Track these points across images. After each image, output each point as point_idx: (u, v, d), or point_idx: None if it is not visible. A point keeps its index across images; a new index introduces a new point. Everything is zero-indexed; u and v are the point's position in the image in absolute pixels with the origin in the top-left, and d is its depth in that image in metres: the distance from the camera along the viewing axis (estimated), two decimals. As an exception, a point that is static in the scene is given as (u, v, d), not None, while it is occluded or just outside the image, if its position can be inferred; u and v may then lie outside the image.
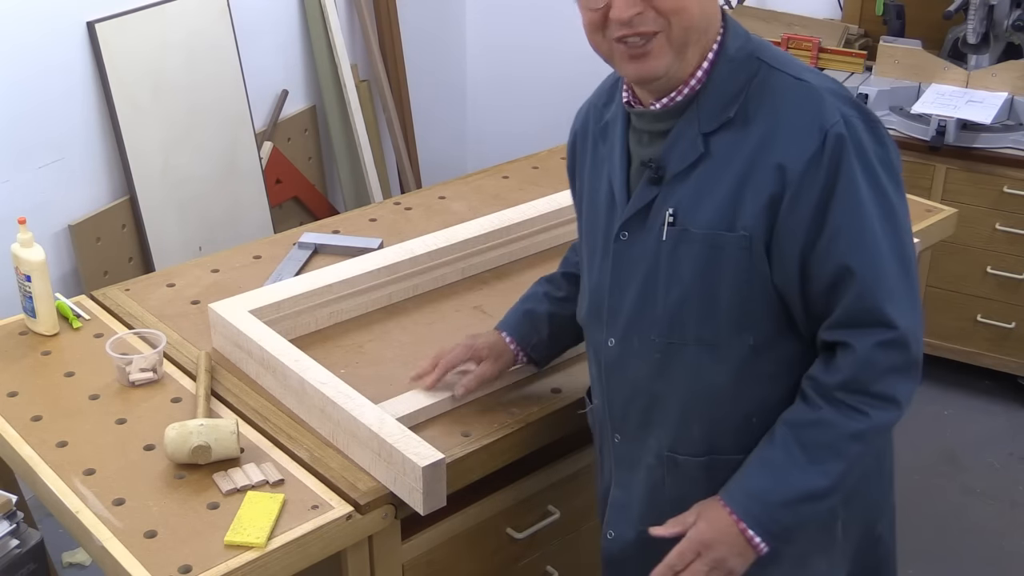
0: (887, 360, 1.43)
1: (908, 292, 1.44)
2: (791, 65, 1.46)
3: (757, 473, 1.48)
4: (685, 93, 1.45)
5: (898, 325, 1.41)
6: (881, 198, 1.43)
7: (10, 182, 2.85)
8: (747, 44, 1.46)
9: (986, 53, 3.39)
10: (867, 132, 1.42)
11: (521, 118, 4.44)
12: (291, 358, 1.81)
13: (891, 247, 1.42)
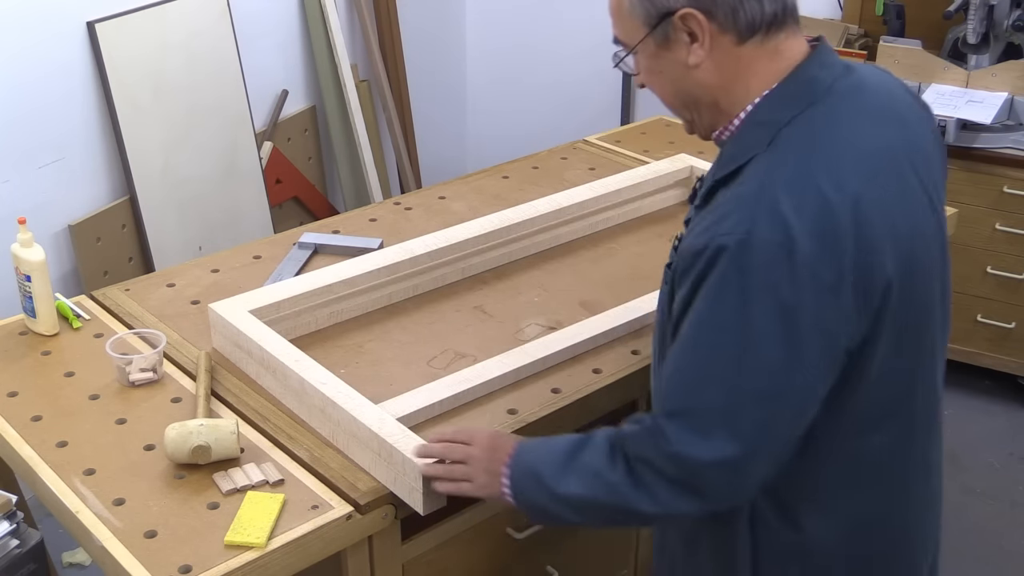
0: (647, 450, 1.36)
1: (703, 418, 1.32)
2: (791, 155, 1.33)
3: (548, 447, 1.49)
4: (726, 135, 1.43)
5: (671, 441, 1.33)
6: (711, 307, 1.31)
7: (10, 182, 2.85)
8: (782, 115, 1.35)
9: (986, 53, 3.39)
10: (757, 256, 1.26)
11: (521, 118, 4.44)
12: (291, 358, 1.81)
13: (695, 362, 1.33)
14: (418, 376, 1.90)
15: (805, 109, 1.35)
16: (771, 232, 1.26)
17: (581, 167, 2.74)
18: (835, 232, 1.27)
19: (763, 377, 1.29)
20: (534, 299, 2.16)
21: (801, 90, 1.36)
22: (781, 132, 1.34)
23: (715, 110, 1.41)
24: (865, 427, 1.42)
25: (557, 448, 1.48)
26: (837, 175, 1.30)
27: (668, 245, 1.96)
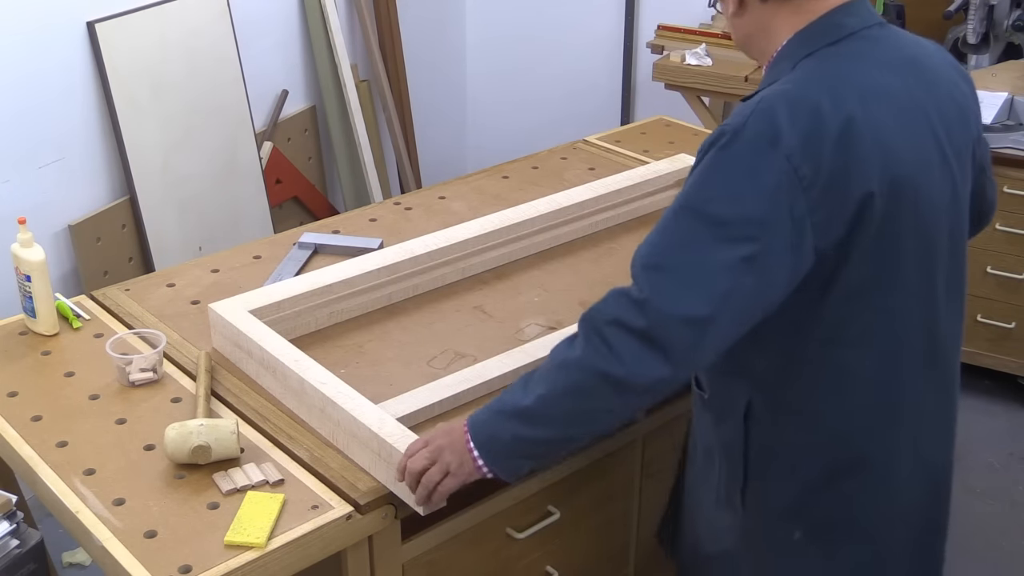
0: (618, 309, 1.44)
1: (679, 273, 1.42)
2: (800, 76, 1.47)
3: (499, 397, 1.58)
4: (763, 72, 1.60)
5: (644, 290, 1.42)
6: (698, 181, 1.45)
7: (10, 182, 2.85)
8: (801, 50, 1.50)
9: (986, 53, 3.39)
10: (743, 145, 1.41)
11: (521, 118, 4.45)
12: (291, 358, 1.81)
13: (676, 227, 1.45)
14: (418, 376, 1.90)
15: (824, 46, 1.49)
16: (761, 125, 1.41)
17: (581, 167, 2.74)
18: (819, 135, 1.40)
19: (736, 248, 1.40)
20: (534, 299, 2.16)
21: (823, 30, 1.51)
22: (800, 62, 1.49)
23: (758, 53, 1.60)
24: (844, 339, 1.52)
25: (506, 390, 1.57)
26: (835, 95, 1.43)
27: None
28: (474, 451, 1.55)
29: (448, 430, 1.59)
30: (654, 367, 1.42)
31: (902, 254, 1.50)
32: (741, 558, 1.72)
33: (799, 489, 1.63)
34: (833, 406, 1.57)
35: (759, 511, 1.67)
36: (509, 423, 1.52)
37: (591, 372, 1.45)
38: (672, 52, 3.67)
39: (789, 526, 1.65)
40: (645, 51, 3.92)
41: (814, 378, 1.56)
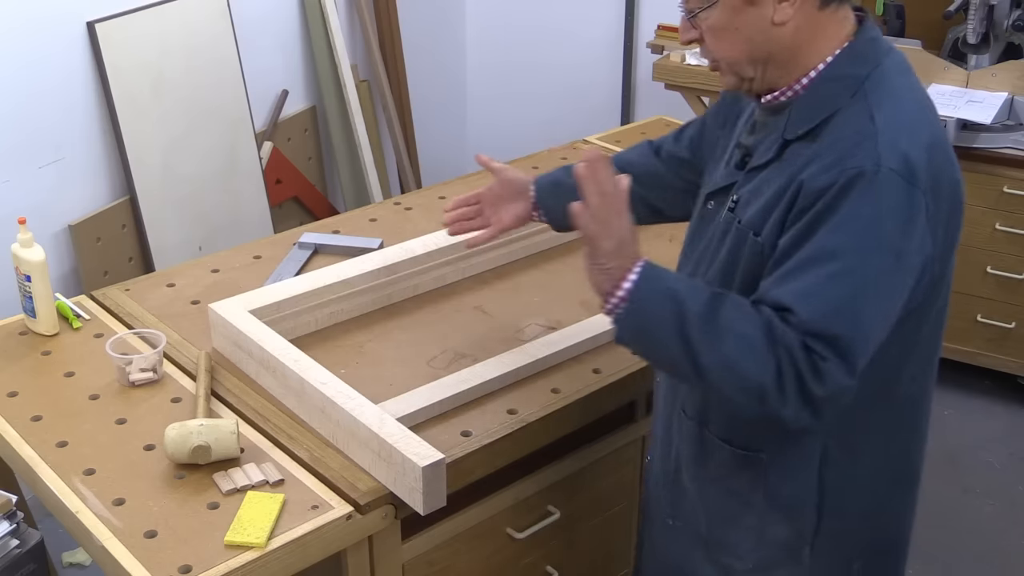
0: (802, 362, 1.37)
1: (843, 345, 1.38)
2: (886, 101, 1.44)
3: (686, 279, 1.50)
4: (788, 96, 1.50)
5: (827, 359, 1.37)
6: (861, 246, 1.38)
7: (10, 182, 2.85)
8: (861, 69, 1.45)
9: (986, 53, 3.39)
10: (889, 186, 1.37)
11: (521, 118, 4.44)
12: (291, 358, 1.81)
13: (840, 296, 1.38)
14: (418, 376, 1.90)
15: (878, 65, 1.46)
16: (897, 164, 1.37)
17: (581, 167, 2.74)
18: (933, 163, 1.41)
19: (890, 306, 1.42)
20: (534, 299, 2.16)
21: (870, 49, 1.47)
22: (864, 85, 1.44)
23: (784, 69, 1.48)
24: (915, 366, 1.56)
25: (698, 286, 1.47)
26: (926, 121, 1.45)
27: (668, 245, 2.00)
28: (624, 291, 1.45)
29: (631, 235, 1.47)
30: (804, 420, 1.40)
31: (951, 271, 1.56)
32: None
33: (869, 523, 1.62)
34: (905, 429, 1.60)
35: (827, 557, 1.62)
36: (671, 318, 1.41)
37: (760, 379, 1.38)
38: (672, 52, 3.67)
39: (852, 560, 1.64)
40: (645, 51, 3.92)
41: (892, 409, 1.56)
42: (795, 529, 1.59)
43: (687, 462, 1.66)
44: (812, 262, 1.38)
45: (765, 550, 1.62)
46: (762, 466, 1.57)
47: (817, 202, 1.39)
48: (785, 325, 1.38)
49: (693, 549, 1.69)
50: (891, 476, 1.62)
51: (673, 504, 1.71)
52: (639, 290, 1.45)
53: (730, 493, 1.61)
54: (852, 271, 1.37)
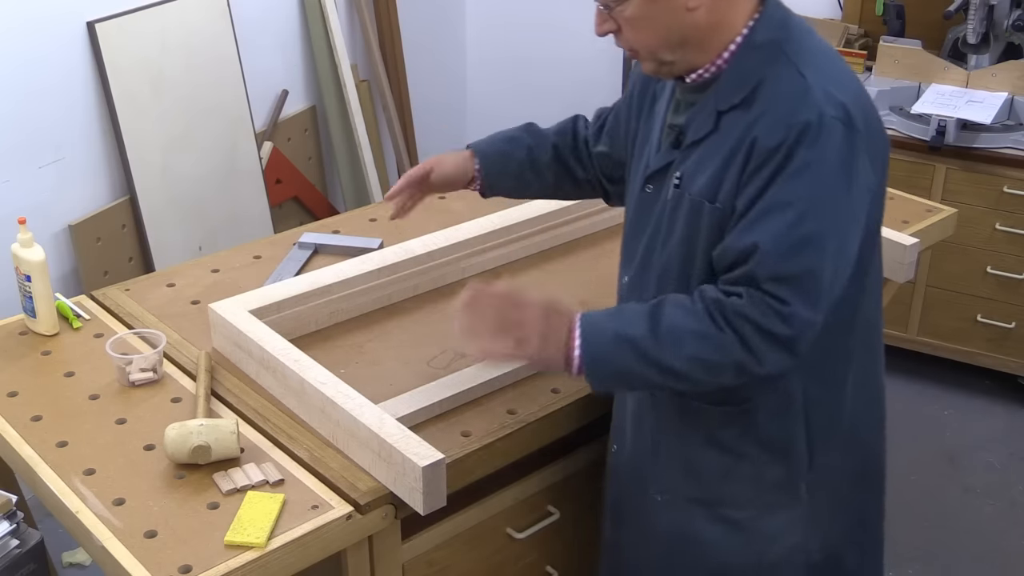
0: (762, 317, 1.48)
1: (806, 282, 1.48)
2: (807, 59, 1.52)
3: (618, 311, 1.60)
4: (712, 72, 1.56)
5: (789, 302, 1.47)
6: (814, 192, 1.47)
7: (10, 182, 2.85)
8: (777, 34, 1.54)
9: (986, 53, 3.39)
10: (834, 133, 1.47)
11: (521, 118, 4.43)
12: (291, 358, 1.81)
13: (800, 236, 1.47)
14: (418, 376, 1.90)
15: (789, 28, 1.55)
16: (835, 111, 1.46)
17: (581, 167, 2.73)
18: (867, 113, 1.52)
19: (847, 241, 1.50)
20: (534, 299, 2.16)
21: (779, 15, 1.56)
22: (784, 48, 1.53)
23: (701, 49, 1.54)
24: (866, 294, 1.64)
25: (632, 311, 1.56)
26: (846, 72, 1.55)
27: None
28: (576, 360, 1.54)
29: (549, 311, 1.56)
30: (785, 363, 1.51)
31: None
32: (807, 545, 1.73)
33: (856, 452, 1.72)
34: (867, 357, 1.69)
35: (822, 489, 1.71)
36: (628, 356, 1.52)
37: (730, 359, 1.50)
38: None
39: (842, 487, 1.73)
40: (645, 51, 3.92)
41: (857, 338, 1.65)
42: (790, 469, 1.67)
43: (664, 435, 1.72)
44: (771, 211, 1.47)
45: (765, 495, 1.69)
46: (750, 417, 1.64)
47: (771, 159, 1.47)
48: (733, 297, 1.49)
49: (691, 514, 1.73)
50: (863, 400, 1.71)
51: (657, 480, 1.75)
52: (589, 349, 1.54)
53: (722, 450, 1.68)
54: (809, 215, 1.46)
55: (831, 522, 1.74)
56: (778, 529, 1.70)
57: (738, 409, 1.64)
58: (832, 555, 1.76)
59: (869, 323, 1.68)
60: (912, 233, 2.39)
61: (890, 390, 1.83)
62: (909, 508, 3.03)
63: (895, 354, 3.53)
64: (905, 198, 2.62)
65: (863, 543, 1.83)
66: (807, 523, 1.71)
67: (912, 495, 3.08)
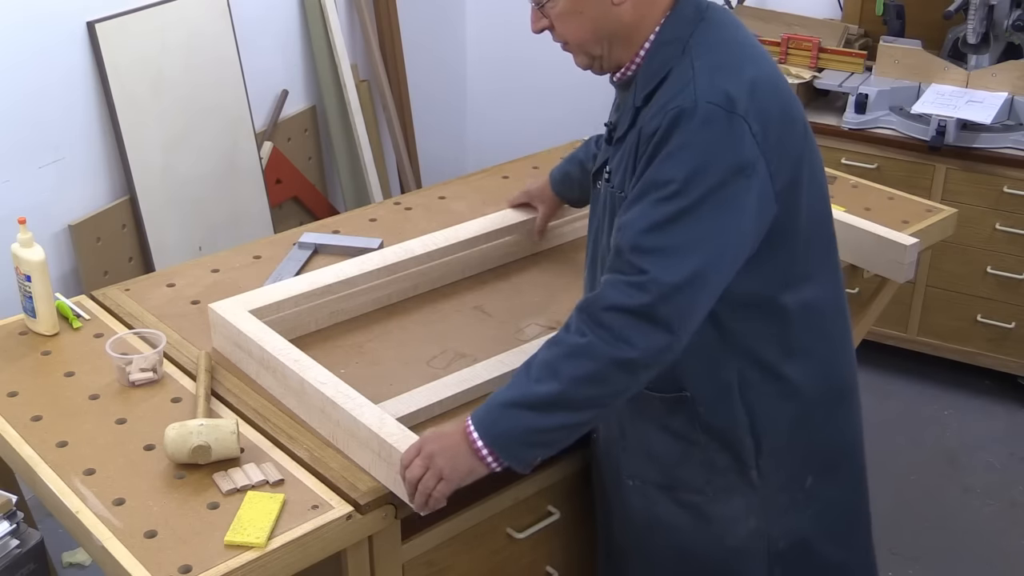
0: (617, 295, 1.51)
1: (669, 254, 1.51)
2: (704, 50, 1.57)
3: (495, 395, 1.60)
4: (632, 71, 1.64)
5: (643, 270, 1.50)
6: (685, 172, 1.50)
7: (10, 182, 2.85)
8: (683, 31, 1.59)
9: (986, 53, 3.39)
10: (710, 118, 1.50)
11: (521, 118, 4.44)
12: (291, 358, 1.81)
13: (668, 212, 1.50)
14: (418, 376, 1.90)
15: (699, 23, 1.60)
16: (714, 97, 1.51)
17: (581, 167, 2.74)
18: (756, 95, 1.54)
19: (724, 223, 1.51)
20: (534, 299, 2.16)
21: (690, 9, 1.61)
22: (688, 43, 1.58)
23: (626, 44, 1.62)
24: (805, 281, 1.66)
25: (508, 385, 1.59)
26: (747, 61, 1.58)
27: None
28: (482, 449, 1.56)
29: (438, 435, 1.59)
30: (662, 339, 1.51)
31: (818, 187, 1.67)
32: (768, 531, 1.75)
33: (808, 437, 1.73)
34: (816, 343, 1.70)
35: (775, 475, 1.72)
36: (522, 415, 1.54)
37: (604, 360, 1.52)
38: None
39: (803, 476, 1.74)
40: (645, 51, 3.92)
41: (795, 324, 1.67)
42: (737, 455, 1.70)
43: (630, 422, 1.77)
44: (644, 192, 1.53)
45: (717, 480, 1.73)
46: (690, 403, 1.69)
47: (649, 144, 1.54)
48: (596, 292, 1.53)
49: (658, 499, 1.78)
50: (816, 389, 1.71)
51: (627, 465, 1.80)
52: (487, 433, 1.55)
53: (674, 436, 1.72)
54: (680, 194, 1.50)
55: (793, 510, 1.76)
56: (735, 514, 1.74)
57: (676, 397, 1.68)
58: (800, 544, 1.78)
59: (808, 311, 1.68)
60: (912, 233, 2.38)
61: (890, 390, 1.84)
62: (909, 508, 3.03)
63: (895, 354, 3.53)
64: (905, 198, 2.62)
65: (845, 538, 1.84)
66: (763, 509, 1.74)
67: (912, 495, 3.08)
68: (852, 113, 3.36)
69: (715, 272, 1.53)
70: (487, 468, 1.57)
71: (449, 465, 1.56)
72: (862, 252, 2.35)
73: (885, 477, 3.07)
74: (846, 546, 1.85)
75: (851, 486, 1.84)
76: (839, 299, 1.76)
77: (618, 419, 1.79)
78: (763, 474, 1.72)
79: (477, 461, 1.56)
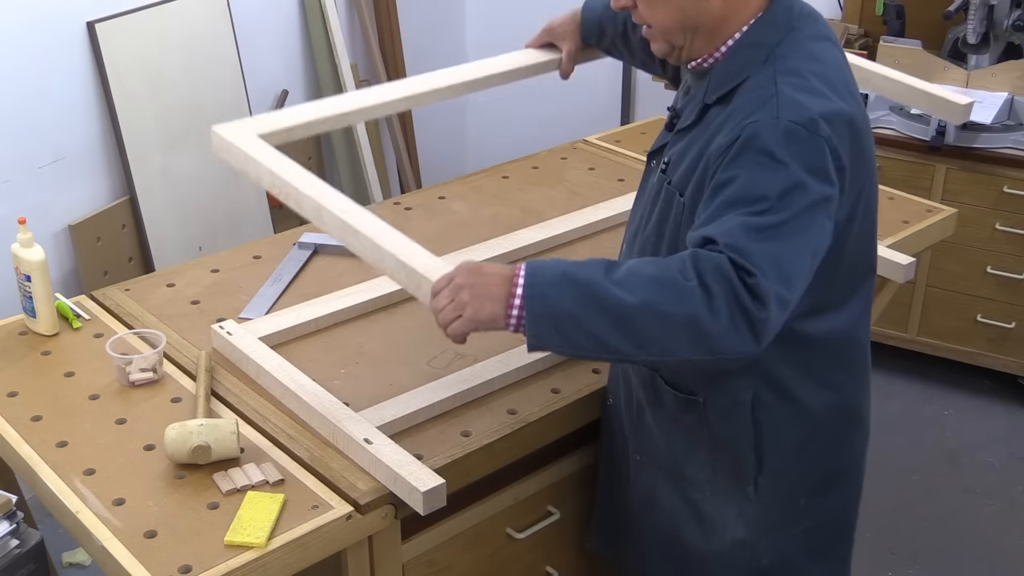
0: (733, 272, 1.40)
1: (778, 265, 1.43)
2: (791, 65, 1.52)
3: (569, 262, 1.49)
4: (709, 63, 1.59)
5: (759, 268, 1.40)
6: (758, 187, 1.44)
7: (10, 182, 2.85)
8: (773, 36, 1.54)
9: (986, 53, 3.39)
10: (789, 133, 1.45)
11: (521, 118, 4.44)
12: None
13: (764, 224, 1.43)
14: (418, 376, 1.89)
15: (789, 32, 1.55)
16: (795, 116, 1.46)
17: (581, 167, 2.74)
18: (834, 121, 1.48)
19: (807, 235, 1.45)
20: (534, 299, 2.16)
21: (783, 16, 1.56)
22: (774, 52, 1.53)
23: (709, 38, 1.57)
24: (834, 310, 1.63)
25: (584, 263, 1.47)
26: (828, 86, 1.51)
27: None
28: (517, 299, 1.44)
29: (475, 269, 1.49)
30: (744, 343, 1.41)
31: (874, 226, 1.65)
32: (754, 544, 1.74)
33: (809, 460, 1.71)
34: (836, 371, 1.68)
35: (772, 494, 1.71)
36: (576, 299, 1.42)
37: (685, 311, 1.39)
38: (672, 52, 3.67)
39: (798, 496, 1.73)
40: (645, 51, 3.92)
41: (817, 351, 1.64)
42: (738, 466, 1.69)
43: (647, 405, 1.75)
44: (728, 207, 1.45)
45: (718, 482, 1.72)
46: (701, 408, 1.67)
47: (723, 159, 1.47)
48: (709, 251, 1.42)
49: (659, 480, 1.79)
50: (829, 415, 1.69)
51: (638, 442, 1.80)
52: (530, 288, 1.44)
53: (684, 432, 1.72)
54: (768, 211, 1.43)
55: (783, 528, 1.74)
56: (725, 519, 1.73)
57: (688, 399, 1.67)
58: (783, 563, 1.76)
59: (840, 338, 1.65)
60: (912, 233, 2.39)
61: (890, 390, 1.84)
62: (909, 508, 3.02)
63: (895, 354, 3.53)
64: (905, 198, 2.62)
65: (826, 554, 1.82)
66: (753, 523, 1.72)
67: (912, 495, 3.08)
68: (852, 113, 3.36)
69: (802, 287, 1.47)
70: (505, 321, 1.45)
71: (474, 303, 1.46)
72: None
73: (885, 477, 3.07)
74: (829, 566, 1.83)
75: (843, 507, 1.82)
76: (864, 329, 1.72)
77: (638, 396, 1.76)
78: (760, 491, 1.70)
79: (502, 309, 1.45)
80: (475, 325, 1.47)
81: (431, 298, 1.51)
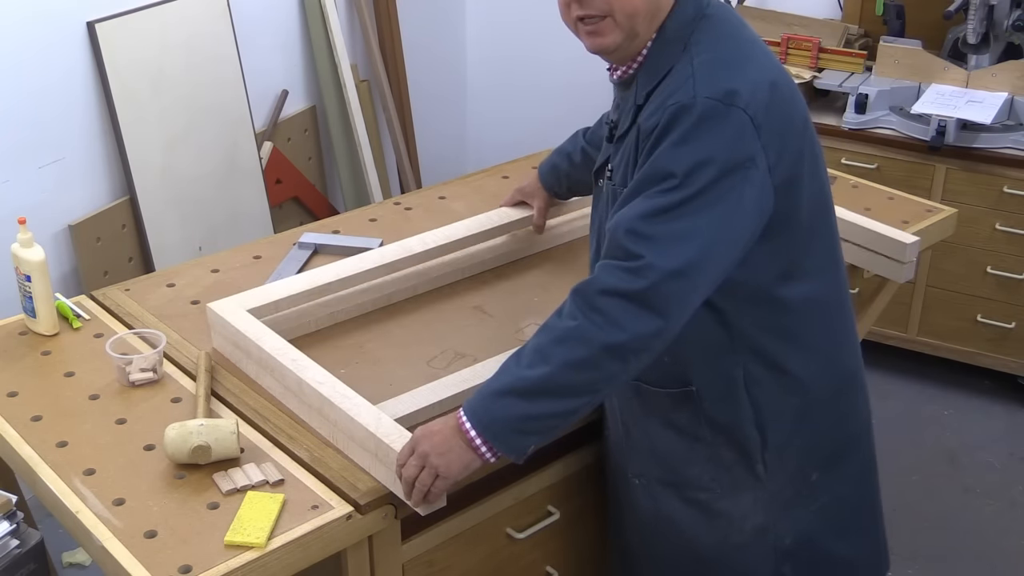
0: (612, 279, 1.51)
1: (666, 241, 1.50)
2: (704, 48, 1.58)
3: (486, 384, 1.59)
4: (634, 68, 1.66)
5: (639, 254, 1.49)
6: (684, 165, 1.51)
7: (10, 182, 2.85)
8: (685, 28, 1.60)
9: (986, 53, 3.39)
10: (707, 109, 1.50)
11: (521, 118, 4.44)
12: (289, 357, 1.81)
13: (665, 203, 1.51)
14: (418, 376, 1.90)
15: (700, 21, 1.61)
16: (712, 92, 1.52)
17: (581, 167, 2.74)
18: (755, 90, 1.53)
19: (723, 216, 1.51)
20: (534, 299, 2.16)
21: (691, 9, 1.62)
22: (689, 41, 1.60)
23: (648, 31, 1.62)
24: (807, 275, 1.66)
25: (498, 372, 1.58)
26: (747, 60, 1.58)
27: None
28: (476, 439, 1.54)
29: (429, 433, 1.57)
30: (652, 325, 1.50)
31: (825, 187, 1.69)
32: (774, 527, 1.75)
33: (812, 431, 1.73)
34: (819, 338, 1.71)
35: (781, 469, 1.73)
36: (513, 402, 1.53)
37: (594, 345, 1.50)
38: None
39: (808, 470, 1.75)
40: (645, 51, 3.92)
41: (798, 318, 1.67)
42: (743, 450, 1.71)
43: (634, 420, 1.78)
44: (642, 185, 1.54)
45: (723, 476, 1.73)
46: (695, 398, 1.69)
47: (649, 140, 1.55)
48: (591, 277, 1.53)
49: (665, 497, 1.79)
50: (820, 384, 1.72)
51: (633, 464, 1.81)
52: (479, 423, 1.54)
53: (679, 433, 1.73)
54: (678, 187, 1.50)
55: (799, 506, 1.76)
56: (741, 511, 1.74)
57: (682, 392, 1.69)
58: (806, 541, 1.78)
59: (817, 303, 1.69)
60: (912, 233, 2.38)
61: (890, 390, 1.84)
62: (909, 508, 3.03)
63: (895, 354, 3.53)
64: (905, 198, 2.62)
65: (853, 533, 1.84)
66: (770, 504, 1.74)
67: (912, 495, 3.08)
68: (852, 113, 3.36)
69: (711, 262, 1.52)
70: (482, 460, 1.56)
71: (444, 461, 1.55)
72: (862, 251, 2.35)
73: (885, 477, 3.05)
74: (854, 541, 1.85)
75: (858, 480, 1.84)
76: (842, 293, 1.76)
77: (622, 418, 1.79)
78: (769, 468, 1.72)
79: (472, 453, 1.55)
80: (455, 478, 1.57)
81: (397, 469, 1.58)
